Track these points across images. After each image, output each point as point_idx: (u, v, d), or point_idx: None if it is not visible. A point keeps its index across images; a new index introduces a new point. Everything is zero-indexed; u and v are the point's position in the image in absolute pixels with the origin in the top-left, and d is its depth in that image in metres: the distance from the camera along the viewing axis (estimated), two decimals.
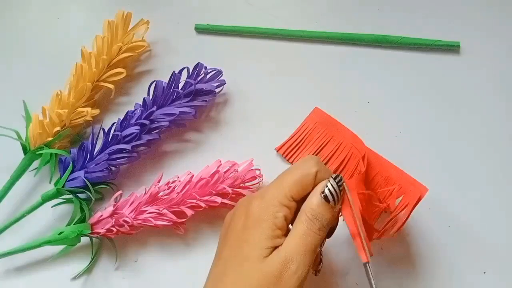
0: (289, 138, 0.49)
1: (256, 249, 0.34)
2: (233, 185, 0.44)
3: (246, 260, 0.34)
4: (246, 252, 0.34)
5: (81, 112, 0.48)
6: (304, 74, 0.51)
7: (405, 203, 0.41)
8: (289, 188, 0.35)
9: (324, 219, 0.35)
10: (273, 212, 0.34)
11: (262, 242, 0.34)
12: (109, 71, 0.49)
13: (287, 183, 0.35)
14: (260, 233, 0.34)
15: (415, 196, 0.40)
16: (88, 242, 0.46)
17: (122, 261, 0.46)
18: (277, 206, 0.35)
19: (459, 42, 0.51)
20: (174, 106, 0.47)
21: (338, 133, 0.47)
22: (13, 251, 0.44)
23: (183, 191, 0.44)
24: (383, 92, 0.50)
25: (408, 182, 0.42)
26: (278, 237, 0.34)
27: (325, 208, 0.35)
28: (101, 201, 0.48)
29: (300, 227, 0.34)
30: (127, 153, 0.46)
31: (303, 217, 0.35)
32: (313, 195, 0.35)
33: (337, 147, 0.47)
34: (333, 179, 0.36)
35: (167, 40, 0.54)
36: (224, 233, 0.37)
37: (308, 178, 0.35)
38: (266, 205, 0.35)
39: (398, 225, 0.40)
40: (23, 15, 0.56)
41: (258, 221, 0.34)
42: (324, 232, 0.35)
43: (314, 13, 0.54)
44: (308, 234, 0.34)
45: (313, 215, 0.34)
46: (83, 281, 0.45)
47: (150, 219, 0.43)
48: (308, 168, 0.36)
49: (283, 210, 0.35)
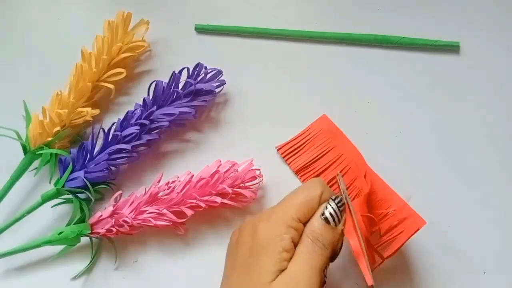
0: (291, 139, 0.48)
1: (262, 274, 0.34)
2: (233, 185, 0.44)
3: (250, 285, 0.34)
4: (254, 279, 0.34)
5: (81, 112, 0.48)
6: (304, 74, 0.51)
7: (400, 230, 0.41)
8: (295, 210, 0.35)
9: (325, 240, 0.35)
10: (280, 234, 0.35)
11: (268, 267, 0.34)
12: (109, 71, 0.49)
13: (293, 205, 0.36)
14: (267, 257, 0.34)
15: (411, 226, 0.40)
16: (88, 242, 0.46)
17: (122, 261, 0.46)
18: (284, 228, 0.35)
19: (459, 42, 0.51)
20: (174, 106, 0.47)
21: (341, 145, 0.47)
22: (13, 251, 0.44)
23: (183, 191, 0.44)
24: (383, 92, 0.50)
25: (404, 209, 0.42)
26: (285, 260, 0.34)
27: (326, 230, 0.35)
28: (101, 201, 0.48)
29: (303, 249, 0.35)
30: (127, 153, 0.46)
31: (305, 239, 0.35)
32: (314, 217, 0.36)
33: (337, 158, 0.47)
34: (333, 200, 0.36)
35: (167, 40, 0.54)
36: (232, 253, 0.37)
37: (313, 200, 0.36)
38: (272, 227, 0.35)
39: (391, 251, 0.40)
40: (23, 15, 0.56)
41: (265, 244, 0.35)
42: (327, 252, 0.35)
43: (314, 13, 0.54)
44: (311, 256, 0.34)
45: (314, 237, 0.35)
46: (83, 281, 0.45)
47: (150, 219, 0.43)
48: (313, 190, 0.36)
49: (290, 232, 0.35)
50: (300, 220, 0.35)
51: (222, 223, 0.46)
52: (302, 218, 0.36)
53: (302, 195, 0.36)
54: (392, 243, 0.41)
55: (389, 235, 0.41)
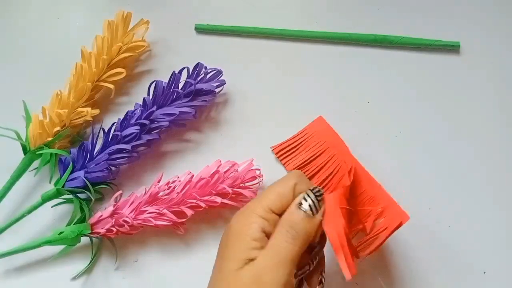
0: (286, 140, 0.49)
1: (231, 261, 0.34)
2: (233, 185, 0.44)
3: (221, 272, 0.34)
4: (224, 266, 0.34)
5: (81, 112, 0.48)
6: (304, 74, 0.51)
7: (384, 227, 0.41)
8: (267, 200, 0.35)
9: (299, 228, 0.34)
10: (249, 223, 0.34)
11: (236, 254, 0.34)
12: (109, 71, 0.49)
13: (266, 195, 0.36)
14: (236, 245, 0.34)
15: (395, 222, 0.40)
16: (88, 242, 0.46)
17: (122, 261, 0.46)
18: (253, 217, 0.35)
19: (459, 42, 0.51)
20: (174, 106, 0.47)
21: (334, 146, 0.47)
22: (13, 251, 0.44)
23: (183, 191, 0.44)
24: (383, 92, 0.50)
25: (391, 207, 0.42)
26: (254, 248, 0.34)
27: (300, 218, 0.35)
28: (101, 201, 0.48)
29: (274, 238, 0.34)
30: (127, 153, 0.46)
31: (278, 228, 0.35)
32: (290, 206, 0.35)
33: (329, 159, 0.47)
34: (311, 190, 0.36)
35: (167, 40, 0.54)
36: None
37: (286, 190, 0.36)
38: (243, 217, 0.35)
39: (372, 248, 0.40)
40: (23, 15, 0.56)
41: (235, 233, 0.35)
42: (300, 242, 0.34)
43: (314, 13, 0.54)
44: (282, 245, 0.34)
45: (289, 225, 0.34)
46: (83, 281, 0.45)
47: (150, 219, 0.43)
48: (287, 180, 0.36)
49: (259, 221, 0.34)
50: (273, 211, 0.35)
51: (222, 223, 0.46)
52: (276, 209, 0.35)
53: (276, 186, 0.36)
54: (376, 239, 0.41)
55: (374, 231, 0.41)
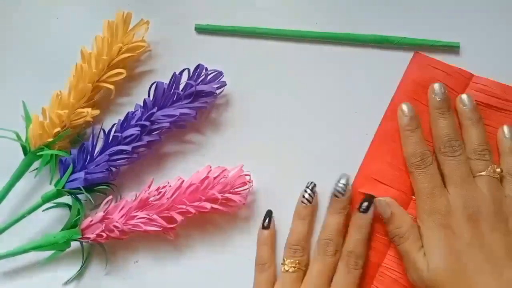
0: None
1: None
2: (223, 190, 0.44)
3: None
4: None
5: (81, 112, 0.48)
6: (305, 74, 0.51)
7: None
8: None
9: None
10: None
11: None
12: (109, 71, 0.49)
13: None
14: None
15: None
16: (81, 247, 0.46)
17: (122, 262, 0.46)
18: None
19: (459, 42, 0.51)
20: (174, 107, 0.47)
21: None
22: (0, 256, 0.44)
23: (173, 197, 0.44)
24: (383, 92, 0.50)
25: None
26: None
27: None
28: (99, 204, 0.48)
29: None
30: (127, 154, 0.46)
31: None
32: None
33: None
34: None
35: (167, 40, 0.53)
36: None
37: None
38: None
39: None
40: (23, 15, 0.56)
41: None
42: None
43: (314, 13, 0.54)
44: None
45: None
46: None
47: (140, 225, 0.43)
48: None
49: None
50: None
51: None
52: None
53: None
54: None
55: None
